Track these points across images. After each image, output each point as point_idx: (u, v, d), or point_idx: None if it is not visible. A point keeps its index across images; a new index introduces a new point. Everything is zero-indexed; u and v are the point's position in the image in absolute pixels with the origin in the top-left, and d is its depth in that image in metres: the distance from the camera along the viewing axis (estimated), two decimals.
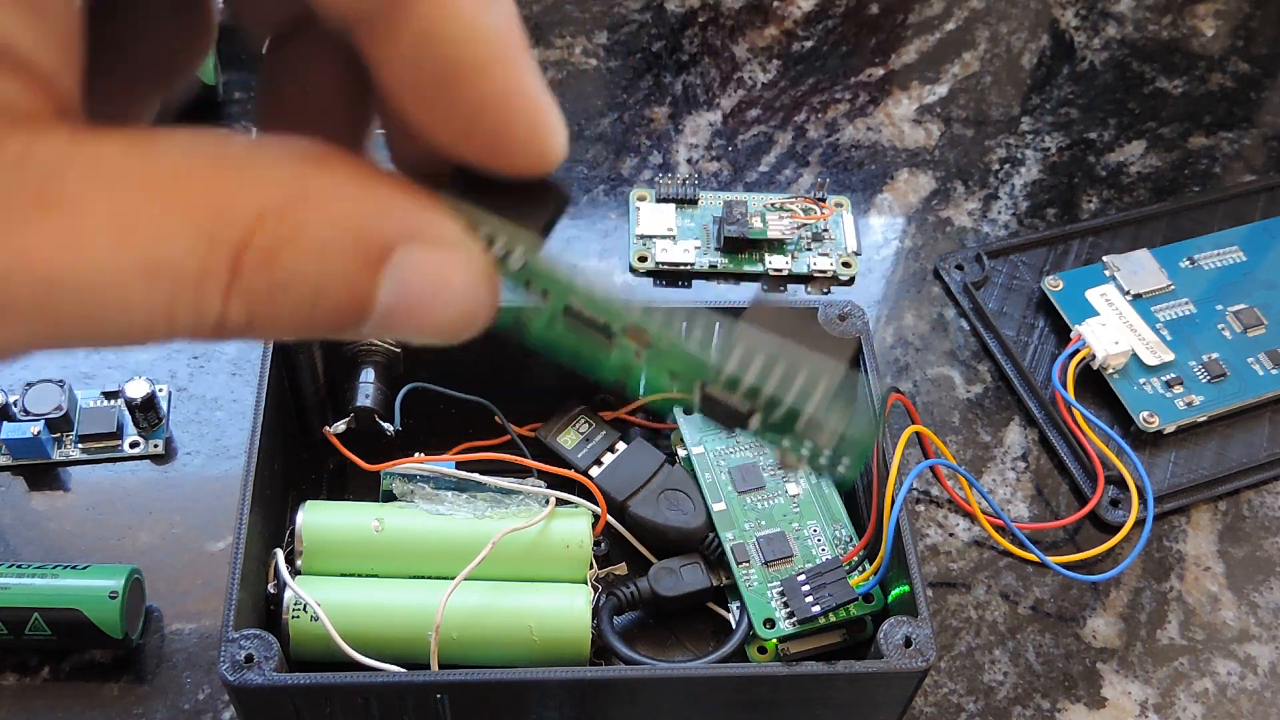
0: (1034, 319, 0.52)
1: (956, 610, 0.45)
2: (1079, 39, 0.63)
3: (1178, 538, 0.47)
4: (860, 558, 0.41)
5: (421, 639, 0.39)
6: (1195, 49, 0.63)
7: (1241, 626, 0.45)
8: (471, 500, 0.42)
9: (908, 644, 0.37)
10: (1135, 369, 0.49)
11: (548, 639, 0.40)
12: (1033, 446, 0.49)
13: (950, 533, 0.46)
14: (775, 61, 0.61)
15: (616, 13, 0.63)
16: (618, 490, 0.43)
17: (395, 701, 0.37)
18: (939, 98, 0.60)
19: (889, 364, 0.51)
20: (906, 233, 0.55)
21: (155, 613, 0.42)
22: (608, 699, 0.38)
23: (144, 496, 0.45)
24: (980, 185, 0.57)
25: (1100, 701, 0.43)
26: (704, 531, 0.43)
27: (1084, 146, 0.59)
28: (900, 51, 0.62)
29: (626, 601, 0.42)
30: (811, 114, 0.59)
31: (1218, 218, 0.56)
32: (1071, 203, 0.57)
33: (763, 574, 0.42)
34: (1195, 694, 0.43)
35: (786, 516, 0.43)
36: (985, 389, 0.50)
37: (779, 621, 0.40)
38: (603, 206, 0.55)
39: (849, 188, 0.57)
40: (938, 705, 0.42)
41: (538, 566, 0.41)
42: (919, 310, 0.53)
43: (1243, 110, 0.61)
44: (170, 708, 0.41)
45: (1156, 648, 0.44)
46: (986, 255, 0.53)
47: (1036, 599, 0.45)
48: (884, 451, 0.41)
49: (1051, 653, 0.44)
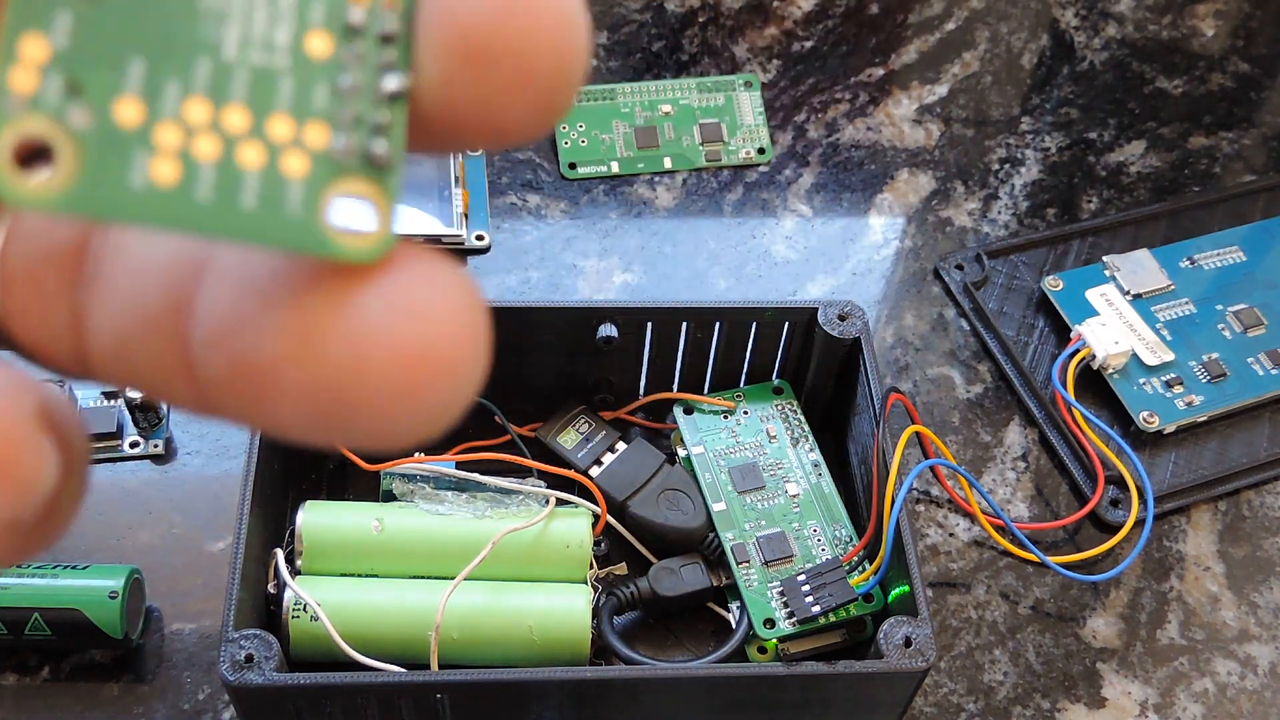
0: (1034, 319, 0.52)
1: (956, 610, 0.45)
2: (1079, 39, 0.63)
3: (1178, 538, 0.47)
4: (860, 558, 0.41)
5: (421, 639, 0.39)
6: (1195, 49, 0.63)
7: (1241, 626, 0.45)
8: (471, 500, 0.42)
9: (908, 644, 0.37)
10: (1135, 369, 0.49)
11: (548, 639, 0.40)
12: (1033, 446, 0.49)
13: (950, 533, 0.46)
14: (775, 61, 0.61)
15: (616, 13, 0.63)
16: (618, 490, 0.43)
17: (395, 702, 0.37)
18: (939, 98, 0.60)
19: (889, 364, 0.51)
20: (906, 233, 0.55)
21: (155, 613, 0.42)
22: (608, 699, 0.38)
23: (144, 496, 0.45)
24: (980, 185, 0.57)
25: (1100, 701, 0.43)
26: (704, 531, 0.43)
27: (1084, 146, 0.59)
28: (900, 51, 0.62)
29: (626, 601, 0.42)
30: (811, 114, 0.59)
31: (1218, 218, 0.56)
32: (1071, 203, 0.57)
33: (763, 574, 0.42)
34: (1195, 694, 0.43)
35: (786, 516, 0.43)
36: (985, 389, 0.50)
37: (779, 621, 0.40)
38: (603, 206, 0.55)
39: (849, 188, 0.57)
40: (938, 705, 0.42)
41: (538, 566, 0.41)
42: (919, 310, 0.53)
43: (1243, 110, 0.61)
44: (170, 708, 0.41)
45: (1156, 648, 0.44)
46: (986, 255, 0.53)
47: (1036, 599, 0.45)
48: (884, 451, 0.41)
49: (1051, 653, 0.44)
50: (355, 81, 0.12)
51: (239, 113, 0.11)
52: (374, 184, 0.12)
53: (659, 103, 0.58)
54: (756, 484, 0.44)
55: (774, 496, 0.43)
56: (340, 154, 0.11)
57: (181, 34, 0.11)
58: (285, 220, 0.11)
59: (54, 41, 0.11)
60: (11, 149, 0.11)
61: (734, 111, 0.58)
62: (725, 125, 0.58)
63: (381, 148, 0.12)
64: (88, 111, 0.11)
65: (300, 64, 0.11)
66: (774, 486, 0.44)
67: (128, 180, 0.11)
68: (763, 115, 0.58)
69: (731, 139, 0.57)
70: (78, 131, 0.11)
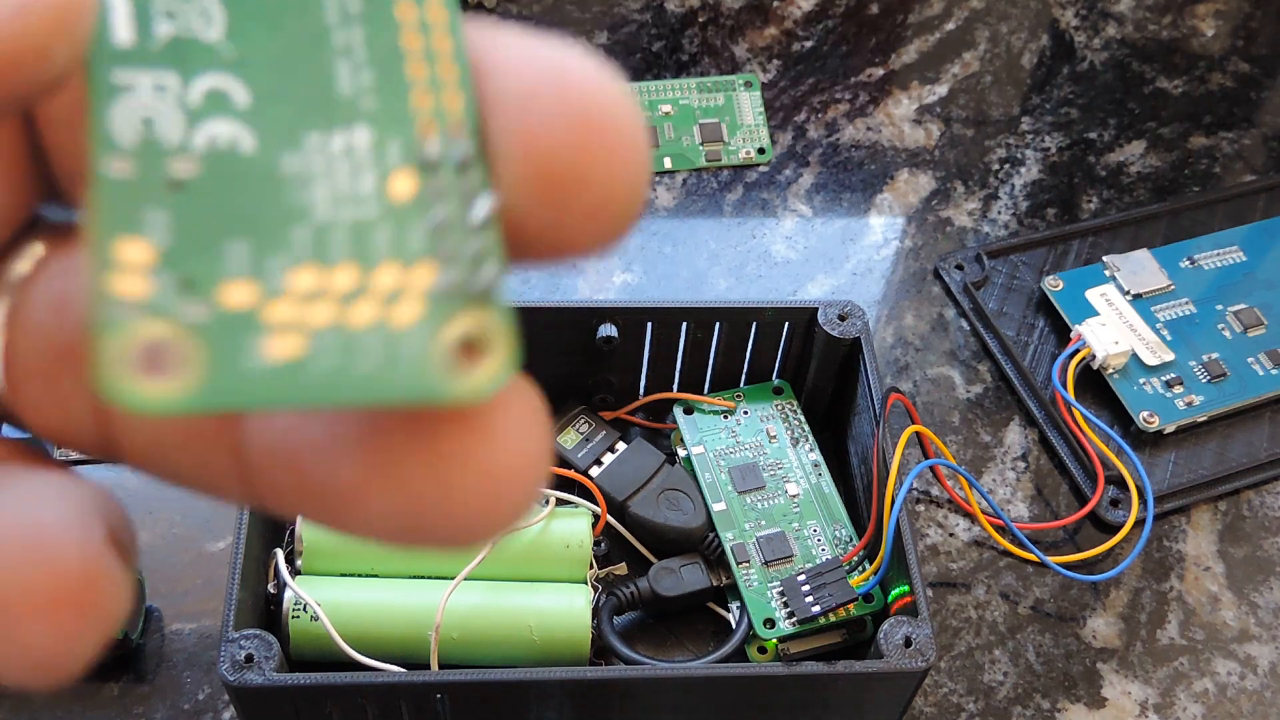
0: (1034, 319, 0.52)
1: (956, 610, 0.45)
2: (1079, 39, 0.63)
3: (1178, 538, 0.47)
4: (860, 558, 0.41)
5: (421, 639, 0.39)
6: (1195, 49, 0.63)
7: (1241, 626, 0.45)
8: None
9: (908, 644, 0.37)
10: (1135, 369, 0.49)
11: (548, 639, 0.40)
12: (1033, 446, 0.49)
13: (950, 533, 0.46)
14: (775, 61, 0.61)
15: (616, 13, 0.63)
16: (618, 490, 0.43)
17: (395, 701, 0.37)
18: (939, 98, 0.60)
19: (889, 364, 0.51)
20: (906, 233, 0.55)
21: (155, 613, 0.42)
22: (608, 699, 0.38)
23: (144, 496, 0.45)
24: (980, 185, 0.57)
25: (1100, 701, 0.43)
26: (704, 531, 0.43)
27: (1084, 146, 0.59)
28: (900, 51, 0.62)
29: (626, 601, 0.42)
30: (811, 114, 0.59)
31: (1218, 218, 0.56)
32: (1071, 203, 0.57)
33: (763, 574, 0.42)
34: (1195, 694, 0.43)
35: (786, 516, 0.43)
36: (985, 389, 0.50)
37: (779, 621, 0.40)
38: None
39: (849, 188, 0.57)
40: (938, 705, 0.42)
41: (538, 566, 0.41)
42: (919, 310, 0.53)
43: (1243, 110, 0.61)
44: (170, 708, 0.41)
45: (1156, 648, 0.44)
46: (986, 255, 0.53)
47: (1036, 599, 0.45)
48: (884, 451, 0.41)
49: (1051, 653, 0.44)
50: (446, 215, 0.11)
51: (344, 272, 0.11)
52: (487, 314, 0.11)
53: (659, 103, 0.58)
54: (756, 484, 0.44)
55: (774, 496, 0.43)
56: (448, 291, 0.11)
57: (271, 204, 0.11)
58: (405, 375, 0.11)
59: (153, 240, 0.11)
60: (132, 355, 0.10)
61: (734, 111, 0.58)
62: (725, 125, 0.58)
63: (487, 275, 0.11)
64: (201, 305, 0.11)
65: (389, 210, 0.11)
66: (774, 486, 0.44)
67: (249, 365, 0.11)
68: (763, 115, 0.58)
69: (731, 139, 0.57)
70: (196, 326, 0.11)
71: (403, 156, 0.11)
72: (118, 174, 0.11)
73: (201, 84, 0.11)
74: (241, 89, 0.11)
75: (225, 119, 0.11)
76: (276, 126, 0.11)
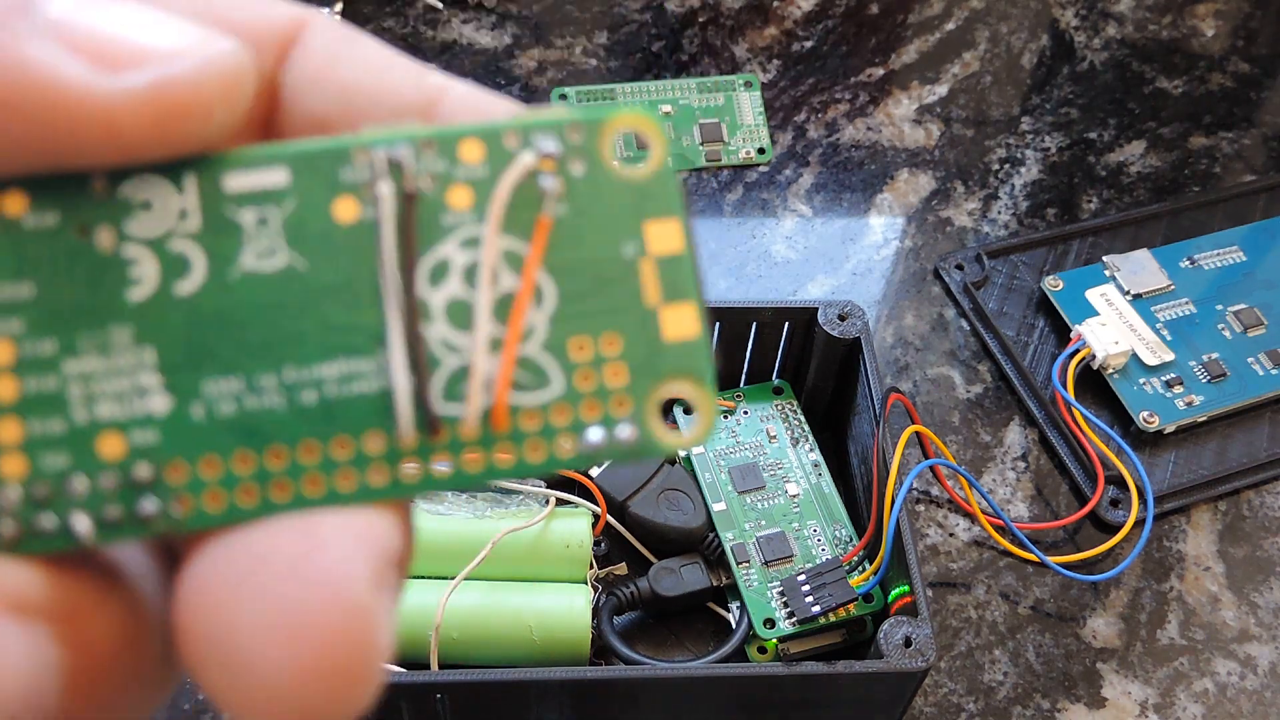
0: (1034, 319, 0.52)
1: (956, 610, 0.45)
2: (1079, 39, 0.63)
3: (1178, 538, 0.47)
4: (860, 558, 0.41)
5: (421, 639, 0.39)
6: (1195, 49, 0.63)
7: (1241, 626, 0.45)
8: (471, 500, 0.42)
9: (908, 644, 0.37)
10: (1135, 369, 0.49)
11: (548, 639, 0.40)
12: (1033, 446, 0.49)
13: (950, 533, 0.46)
14: (775, 61, 0.61)
15: (616, 13, 0.63)
16: (618, 490, 0.43)
17: (395, 701, 0.37)
18: (939, 98, 0.60)
19: (889, 364, 0.51)
20: (906, 233, 0.55)
21: None
22: (608, 699, 0.38)
23: None
24: (980, 185, 0.57)
25: (1100, 701, 0.43)
26: (704, 531, 0.43)
27: (1084, 146, 0.59)
28: (900, 51, 0.62)
29: (626, 601, 0.42)
30: (811, 114, 0.59)
31: (1218, 218, 0.56)
32: (1071, 203, 0.57)
33: (763, 574, 0.42)
34: (1195, 694, 0.43)
35: (786, 516, 0.43)
36: (985, 389, 0.51)
37: (779, 621, 0.40)
38: None
39: (849, 188, 0.57)
40: (938, 705, 0.42)
41: (538, 566, 0.41)
42: (919, 310, 0.53)
43: (1243, 110, 0.61)
44: (170, 707, 0.41)
45: (1156, 648, 0.44)
46: (986, 255, 0.53)
47: (1036, 599, 0.45)
48: (884, 451, 0.41)
49: (1051, 653, 0.44)
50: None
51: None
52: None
53: (659, 103, 0.58)
54: (756, 484, 0.44)
55: (774, 496, 0.43)
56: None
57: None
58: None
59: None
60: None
61: (734, 111, 0.58)
62: (725, 125, 0.58)
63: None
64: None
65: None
66: (774, 486, 0.44)
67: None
68: (763, 115, 0.58)
69: (731, 139, 0.57)
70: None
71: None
72: None
73: None
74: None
75: None
76: None
